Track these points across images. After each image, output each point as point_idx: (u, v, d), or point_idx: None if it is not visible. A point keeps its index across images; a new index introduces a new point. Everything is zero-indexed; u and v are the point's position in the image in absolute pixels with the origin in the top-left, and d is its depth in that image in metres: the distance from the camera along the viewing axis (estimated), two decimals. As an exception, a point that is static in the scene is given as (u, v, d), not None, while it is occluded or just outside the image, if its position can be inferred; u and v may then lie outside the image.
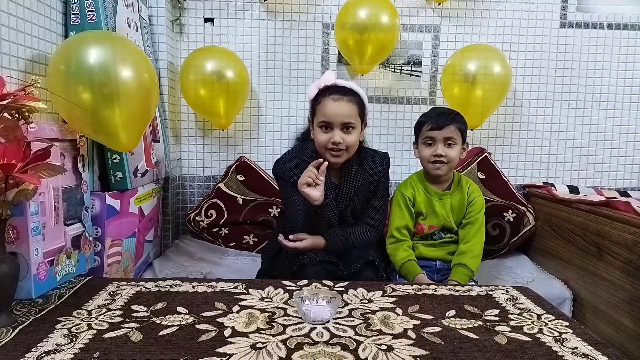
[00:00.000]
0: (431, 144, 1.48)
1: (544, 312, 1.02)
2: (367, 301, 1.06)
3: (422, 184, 1.55)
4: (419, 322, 0.95)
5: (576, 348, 0.84)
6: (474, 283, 1.46)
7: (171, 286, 1.12)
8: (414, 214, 1.54)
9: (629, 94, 2.17)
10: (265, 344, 0.82)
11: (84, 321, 0.91)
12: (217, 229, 2.02)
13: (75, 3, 1.35)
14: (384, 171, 1.52)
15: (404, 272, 1.46)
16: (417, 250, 1.52)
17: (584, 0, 2.12)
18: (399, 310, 1.00)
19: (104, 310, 0.97)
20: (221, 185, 2.04)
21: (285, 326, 0.90)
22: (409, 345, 0.84)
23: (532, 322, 0.96)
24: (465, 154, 1.56)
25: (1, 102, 0.88)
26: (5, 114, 0.90)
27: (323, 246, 1.42)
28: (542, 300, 1.11)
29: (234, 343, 0.83)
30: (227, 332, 0.87)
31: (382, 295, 1.10)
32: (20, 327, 0.88)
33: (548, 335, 0.89)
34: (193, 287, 1.12)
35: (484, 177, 2.01)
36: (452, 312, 1.00)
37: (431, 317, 0.98)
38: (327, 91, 1.42)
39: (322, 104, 1.41)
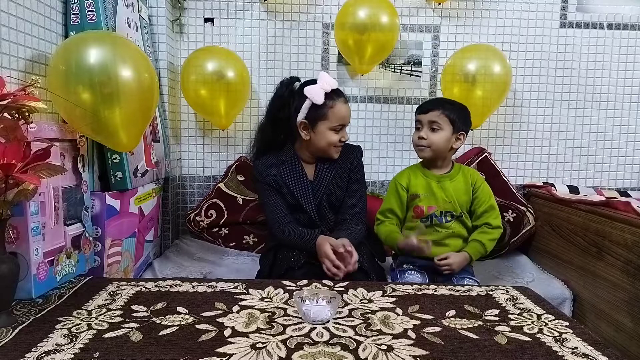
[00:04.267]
0: (419, 127, 1.54)
1: (544, 312, 1.02)
2: (367, 301, 1.06)
3: (421, 170, 1.58)
4: (419, 322, 0.95)
5: (576, 348, 0.84)
6: (475, 283, 1.46)
7: (171, 286, 1.12)
8: (409, 198, 1.56)
9: (629, 94, 2.17)
10: (265, 344, 0.82)
11: (84, 321, 0.91)
12: (217, 229, 2.02)
13: (75, 3, 1.35)
14: (357, 161, 1.60)
15: (389, 244, 1.56)
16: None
17: (584, 0, 2.12)
18: (399, 310, 1.00)
19: (104, 310, 0.97)
20: (221, 185, 2.04)
21: (285, 326, 0.90)
22: (409, 345, 0.84)
23: (532, 322, 0.96)
24: (461, 144, 1.55)
25: (1, 102, 0.88)
26: (5, 114, 0.90)
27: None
28: (542, 300, 1.11)
29: (234, 343, 0.83)
30: (227, 332, 0.87)
31: (382, 295, 1.10)
32: (20, 327, 0.88)
33: (548, 335, 0.89)
34: (193, 287, 1.12)
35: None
36: (452, 312, 1.00)
37: (431, 317, 0.98)
38: (335, 94, 1.50)
39: (337, 108, 1.49)
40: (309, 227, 1.52)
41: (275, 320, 0.93)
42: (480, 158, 2.05)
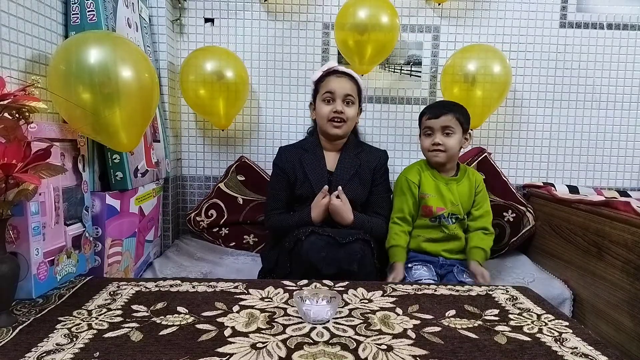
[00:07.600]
0: (430, 134, 1.55)
1: (544, 312, 1.02)
2: (367, 301, 1.06)
3: (429, 170, 1.60)
4: (419, 322, 0.95)
5: (576, 348, 0.84)
6: (471, 282, 1.48)
7: (171, 286, 1.12)
8: (419, 196, 1.57)
9: (629, 94, 2.17)
10: (265, 344, 0.82)
11: (84, 321, 0.91)
12: (217, 229, 2.02)
13: (75, 3, 1.35)
14: (382, 164, 1.64)
15: (390, 254, 1.56)
16: (418, 244, 1.55)
17: (584, 0, 2.12)
18: (399, 310, 1.01)
19: (104, 310, 0.97)
20: (221, 185, 2.04)
21: (285, 326, 0.90)
22: (409, 345, 0.84)
23: (532, 322, 0.96)
24: (468, 144, 1.61)
25: (1, 102, 0.88)
26: (6, 114, 0.90)
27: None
28: (542, 300, 1.11)
29: (234, 343, 0.83)
30: (227, 332, 0.87)
31: (382, 295, 1.10)
32: (21, 327, 0.88)
33: (548, 335, 0.90)
34: (193, 287, 1.12)
35: (484, 177, 2.00)
36: (452, 312, 1.00)
37: (431, 317, 0.98)
38: (332, 73, 1.63)
39: (327, 81, 1.61)
40: None
41: (275, 320, 0.93)
42: (480, 158, 2.04)
